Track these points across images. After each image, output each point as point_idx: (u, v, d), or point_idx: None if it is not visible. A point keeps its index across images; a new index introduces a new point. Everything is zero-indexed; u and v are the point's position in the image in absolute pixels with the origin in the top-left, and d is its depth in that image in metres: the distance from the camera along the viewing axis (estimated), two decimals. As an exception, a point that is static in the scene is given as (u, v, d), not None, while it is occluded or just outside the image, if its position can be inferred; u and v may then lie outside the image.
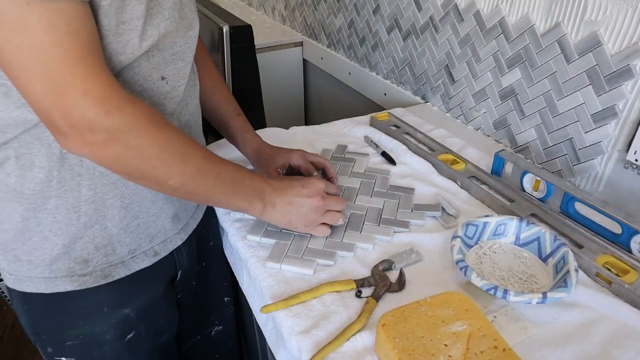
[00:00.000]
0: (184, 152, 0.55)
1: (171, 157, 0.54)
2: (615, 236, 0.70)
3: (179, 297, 0.78)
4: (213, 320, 0.90)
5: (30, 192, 0.57)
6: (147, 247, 0.66)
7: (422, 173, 0.89)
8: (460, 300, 0.56)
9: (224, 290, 0.90)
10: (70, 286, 0.62)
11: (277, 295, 0.63)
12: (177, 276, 0.74)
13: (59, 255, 0.60)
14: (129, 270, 0.65)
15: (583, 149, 0.83)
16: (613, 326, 0.58)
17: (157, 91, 0.60)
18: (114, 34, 0.52)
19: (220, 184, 0.59)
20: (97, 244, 0.62)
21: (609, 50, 0.75)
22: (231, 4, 2.18)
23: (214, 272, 0.86)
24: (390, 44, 1.27)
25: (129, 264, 0.65)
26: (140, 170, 0.53)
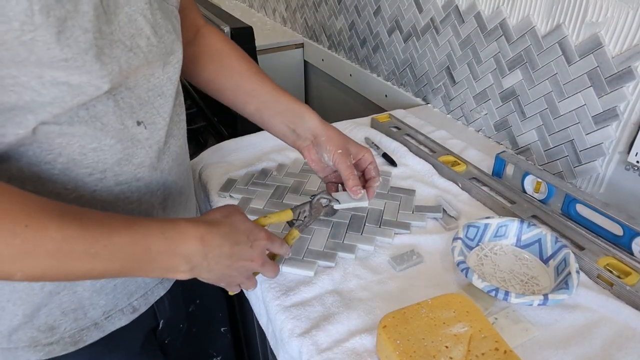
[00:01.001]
0: (23, 242, 0.39)
1: (3, 255, 0.39)
2: (616, 238, 0.70)
3: (166, 343, 0.71)
4: (211, 353, 0.85)
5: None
6: (124, 305, 0.58)
7: (423, 174, 0.89)
8: (461, 302, 0.55)
9: (220, 321, 0.85)
10: (33, 357, 0.54)
11: (277, 297, 0.63)
12: (158, 326, 0.67)
13: (20, 325, 0.51)
14: (103, 333, 0.57)
15: (584, 151, 0.83)
16: (614, 328, 0.58)
17: (132, 140, 0.50)
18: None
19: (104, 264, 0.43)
20: (65, 309, 0.53)
21: (610, 52, 0.75)
22: (232, 6, 2.18)
23: (207, 307, 0.80)
24: (391, 45, 1.27)
25: (102, 326, 0.57)
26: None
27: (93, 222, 0.43)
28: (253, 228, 0.55)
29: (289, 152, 0.94)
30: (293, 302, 0.62)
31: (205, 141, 1.27)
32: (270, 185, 0.84)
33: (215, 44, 0.70)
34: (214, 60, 0.70)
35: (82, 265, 0.42)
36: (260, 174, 0.87)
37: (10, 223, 0.38)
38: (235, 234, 0.53)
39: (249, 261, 0.54)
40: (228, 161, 0.93)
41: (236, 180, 0.85)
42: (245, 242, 0.53)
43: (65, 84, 0.42)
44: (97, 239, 0.42)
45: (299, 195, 0.82)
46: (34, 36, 0.38)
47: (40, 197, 0.42)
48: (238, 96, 0.69)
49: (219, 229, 0.51)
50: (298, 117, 0.67)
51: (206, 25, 0.72)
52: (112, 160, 0.50)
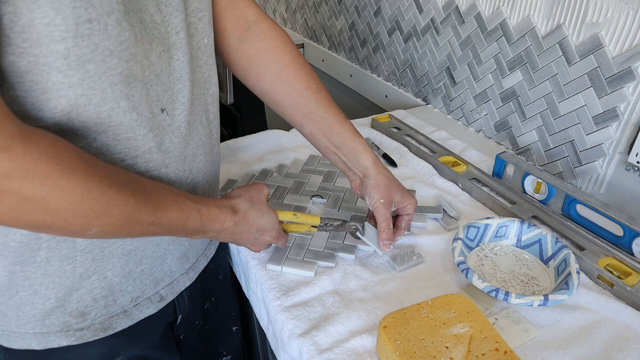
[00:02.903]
0: (106, 202, 0.43)
1: (89, 210, 0.43)
2: (617, 238, 0.70)
3: (181, 338, 0.72)
4: (221, 352, 0.85)
5: (16, 245, 0.49)
6: (151, 293, 0.60)
7: (423, 175, 0.89)
8: (461, 303, 0.55)
9: (232, 320, 0.84)
10: (65, 341, 0.55)
11: (277, 298, 0.63)
12: (177, 320, 0.68)
13: (52, 309, 0.54)
14: (132, 320, 0.59)
15: (584, 151, 0.83)
16: (615, 329, 0.58)
17: (159, 128, 0.52)
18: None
19: (152, 230, 0.50)
20: (96, 295, 0.55)
21: (610, 52, 0.75)
22: (232, 6, 2.18)
23: (222, 305, 0.80)
24: (392, 46, 1.27)
25: (132, 313, 0.59)
26: (46, 224, 0.42)
27: (153, 194, 0.49)
28: (266, 226, 0.62)
29: (289, 153, 0.94)
30: (293, 302, 0.62)
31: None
32: (270, 185, 0.84)
33: (273, 49, 0.67)
34: (270, 70, 0.67)
35: (142, 228, 0.48)
36: (261, 174, 0.87)
37: (98, 182, 0.43)
38: (250, 227, 0.60)
39: (251, 245, 0.63)
40: (228, 162, 0.93)
41: (236, 180, 0.85)
42: (252, 232, 0.61)
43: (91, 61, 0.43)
44: (157, 209, 0.48)
45: (299, 195, 0.82)
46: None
47: (113, 165, 0.47)
48: (294, 115, 0.68)
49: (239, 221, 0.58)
50: (352, 154, 0.67)
51: (261, 19, 0.67)
52: (144, 148, 0.51)
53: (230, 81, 1.16)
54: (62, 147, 0.41)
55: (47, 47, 0.40)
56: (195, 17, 0.55)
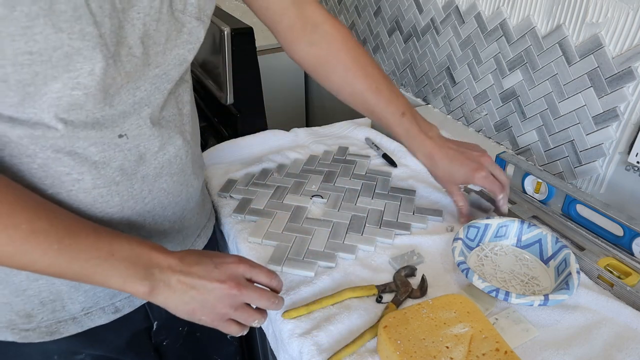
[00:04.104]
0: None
1: None
2: (617, 238, 0.70)
3: (164, 344, 0.71)
4: (216, 359, 0.85)
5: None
6: (106, 304, 0.58)
7: (423, 175, 0.89)
8: (462, 303, 0.55)
9: None
10: (10, 337, 0.55)
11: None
12: (152, 327, 0.67)
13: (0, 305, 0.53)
14: (81, 328, 0.57)
15: (584, 151, 0.83)
16: (615, 329, 0.58)
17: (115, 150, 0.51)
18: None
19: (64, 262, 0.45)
20: (43, 299, 0.54)
21: (610, 52, 0.75)
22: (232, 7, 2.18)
23: None
24: (392, 46, 1.27)
25: (81, 321, 0.57)
26: None
27: (63, 221, 0.45)
28: (221, 254, 0.53)
29: (289, 153, 0.94)
30: (293, 302, 0.62)
31: (205, 141, 1.27)
32: (270, 185, 0.84)
33: (337, 51, 0.71)
34: (336, 72, 0.71)
35: (45, 259, 0.44)
36: (261, 174, 0.87)
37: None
38: (199, 256, 0.52)
39: (218, 282, 0.50)
40: (228, 162, 0.93)
41: (236, 180, 0.85)
42: (207, 263, 0.51)
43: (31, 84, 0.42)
44: (63, 237, 0.44)
45: (299, 195, 0.82)
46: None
47: (21, 188, 0.44)
48: (362, 112, 0.74)
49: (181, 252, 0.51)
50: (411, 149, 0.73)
51: (325, 20, 0.71)
52: (89, 162, 0.50)
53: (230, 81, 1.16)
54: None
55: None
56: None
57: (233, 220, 0.77)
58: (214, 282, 0.49)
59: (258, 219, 0.76)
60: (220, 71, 1.17)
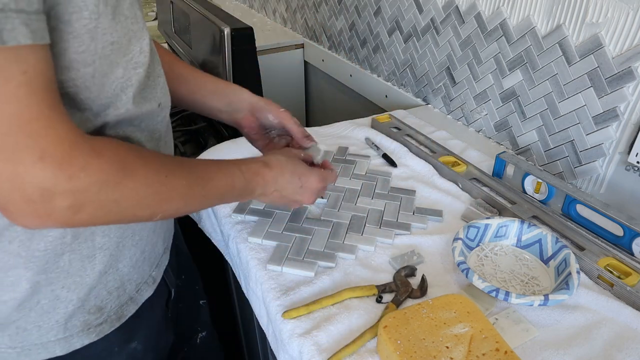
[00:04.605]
0: (166, 191, 0.48)
1: (152, 201, 0.48)
2: (617, 238, 0.70)
3: (170, 316, 0.75)
4: (197, 328, 0.88)
5: (41, 254, 0.50)
6: (147, 277, 0.64)
7: (423, 175, 0.89)
8: (462, 303, 0.55)
9: (199, 294, 0.88)
10: (87, 340, 0.57)
11: (277, 298, 0.63)
12: (170, 295, 0.72)
13: (74, 311, 0.55)
14: (137, 305, 0.62)
15: (584, 151, 0.83)
16: (615, 329, 0.58)
17: (154, 120, 0.56)
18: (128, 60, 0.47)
19: (207, 202, 0.56)
20: (110, 288, 0.58)
21: (610, 52, 0.75)
22: (232, 7, 2.19)
23: (190, 280, 0.84)
24: (392, 46, 1.27)
25: (136, 299, 0.62)
26: (119, 219, 0.48)
27: (200, 169, 0.54)
28: (305, 171, 0.65)
29: (289, 153, 0.94)
30: (293, 302, 0.62)
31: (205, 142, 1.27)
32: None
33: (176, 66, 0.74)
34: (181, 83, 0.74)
35: (198, 202, 0.54)
36: (261, 174, 0.87)
37: (156, 174, 0.47)
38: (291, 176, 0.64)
39: (300, 197, 0.65)
40: (228, 161, 0.92)
41: (236, 180, 0.85)
42: (295, 183, 0.64)
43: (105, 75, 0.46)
44: (206, 183, 0.53)
45: (299, 195, 0.82)
46: (97, 24, 0.43)
47: (161, 154, 0.52)
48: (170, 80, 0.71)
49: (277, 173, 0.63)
50: (231, 92, 0.75)
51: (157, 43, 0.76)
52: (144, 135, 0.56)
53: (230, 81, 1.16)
54: (123, 152, 0.46)
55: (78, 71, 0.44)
56: None
57: (233, 220, 0.77)
58: (297, 197, 0.65)
59: (258, 219, 0.76)
60: (220, 71, 1.17)
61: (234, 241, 0.74)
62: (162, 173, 0.48)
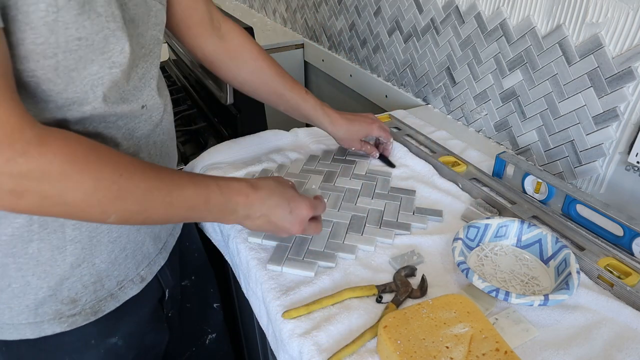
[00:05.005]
0: (118, 190, 0.47)
1: (102, 199, 0.46)
2: (617, 238, 0.70)
3: (169, 316, 0.76)
4: (206, 329, 0.88)
5: (8, 238, 0.52)
6: (133, 275, 0.64)
7: (423, 175, 0.89)
8: (462, 303, 0.55)
9: (212, 297, 0.88)
10: (59, 328, 0.58)
11: (277, 298, 0.63)
12: (164, 296, 0.72)
13: (45, 298, 0.56)
14: (118, 302, 0.62)
15: (584, 151, 0.83)
16: (615, 329, 0.58)
17: (135, 120, 0.57)
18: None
19: (172, 212, 0.52)
20: (85, 282, 0.58)
21: (610, 52, 0.75)
22: (232, 7, 2.19)
23: (201, 282, 0.84)
24: (392, 46, 1.27)
25: (117, 296, 0.62)
26: (68, 214, 0.46)
27: (166, 176, 0.51)
28: (295, 196, 0.63)
29: (289, 153, 0.94)
30: (293, 302, 0.62)
31: (205, 142, 1.27)
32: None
33: (244, 44, 0.78)
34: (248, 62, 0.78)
35: (160, 211, 0.51)
36: (261, 174, 0.87)
37: (110, 172, 0.46)
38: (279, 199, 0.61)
39: (289, 224, 0.61)
40: (228, 162, 0.92)
41: (236, 180, 0.85)
42: (284, 207, 0.61)
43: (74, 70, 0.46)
44: (172, 190, 0.51)
45: (299, 195, 0.82)
46: (57, 17, 0.42)
47: (125, 154, 0.50)
48: (270, 99, 0.82)
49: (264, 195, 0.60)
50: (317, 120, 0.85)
51: (225, 18, 0.78)
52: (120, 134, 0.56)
53: (230, 81, 1.16)
54: (74, 145, 0.45)
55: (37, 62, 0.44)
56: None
57: (233, 220, 0.77)
58: (286, 224, 0.61)
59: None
60: (220, 71, 1.16)
61: (234, 241, 0.74)
62: (116, 172, 0.47)
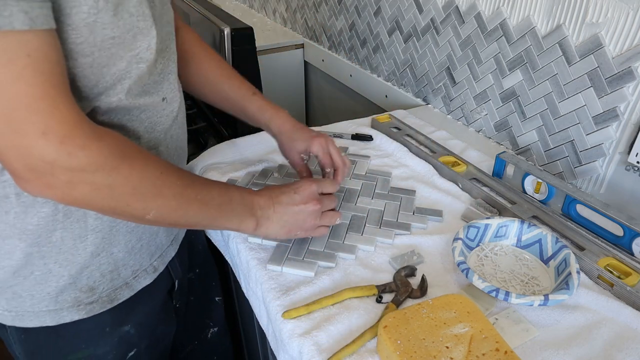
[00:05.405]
0: (160, 185, 0.51)
1: (146, 193, 0.50)
2: (617, 238, 0.70)
3: (177, 307, 0.77)
4: (208, 323, 0.90)
5: (34, 227, 0.54)
6: (147, 265, 0.66)
7: (423, 175, 0.89)
8: (462, 303, 0.55)
9: (214, 290, 0.90)
10: (77, 315, 0.61)
11: (277, 298, 0.63)
12: (174, 287, 0.74)
13: (65, 286, 0.59)
14: (133, 291, 0.65)
15: (584, 151, 0.83)
16: (615, 329, 0.58)
17: (157, 113, 0.59)
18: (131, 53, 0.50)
19: (205, 210, 0.55)
20: (103, 271, 0.61)
21: (610, 52, 0.75)
22: (232, 7, 2.19)
23: (204, 275, 0.86)
24: (392, 46, 1.27)
25: (132, 285, 0.65)
26: (112, 208, 0.49)
27: (195, 177, 0.56)
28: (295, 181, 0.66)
29: (289, 153, 0.94)
30: (293, 302, 0.62)
31: (205, 142, 1.27)
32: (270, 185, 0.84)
33: (191, 46, 0.77)
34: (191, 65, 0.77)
35: (192, 209, 0.54)
36: (261, 174, 0.87)
37: (153, 169, 0.50)
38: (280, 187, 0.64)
39: (302, 204, 0.63)
40: (228, 162, 0.92)
41: (236, 180, 0.85)
42: (288, 191, 0.63)
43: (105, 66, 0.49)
44: (201, 188, 0.55)
45: (299, 195, 0.82)
46: (96, 19, 0.45)
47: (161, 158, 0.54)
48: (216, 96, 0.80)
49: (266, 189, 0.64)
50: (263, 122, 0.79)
51: (183, 25, 0.78)
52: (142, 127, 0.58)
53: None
54: (123, 141, 0.49)
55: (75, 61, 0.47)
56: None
57: (233, 220, 0.77)
58: (299, 205, 0.63)
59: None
60: (220, 71, 1.16)
61: (234, 241, 0.74)
62: (158, 168, 0.51)
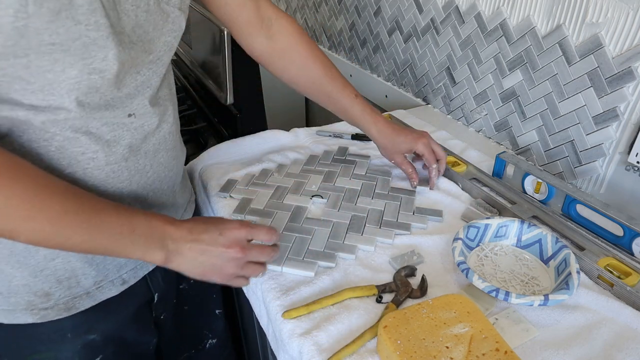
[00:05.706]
0: (29, 208, 0.46)
1: (12, 214, 0.45)
2: (617, 238, 0.70)
3: (161, 318, 0.76)
4: (206, 334, 0.88)
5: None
6: (114, 277, 0.63)
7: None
8: (462, 303, 0.55)
9: (214, 302, 0.88)
10: (30, 319, 0.59)
11: (277, 298, 0.63)
12: (153, 299, 0.72)
13: (18, 287, 0.57)
14: (94, 301, 0.62)
15: (584, 151, 0.83)
16: (615, 329, 0.58)
17: (124, 130, 0.56)
18: None
19: (94, 238, 0.50)
20: (60, 277, 0.58)
21: (610, 52, 0.75)
22: (232, 6, 2.18)
23: (200, 287, 0.83)
24: (392, 46, 1.27)
25: (94, 295, 0.62)
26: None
27: (88, 201, 0.50)
28: (225, 220, 0.58)
29: (289, 153, 0.94)
30: (293, 302, 0.62)
31: (205, 142, 1.27)
32: (270, 185, 0.84)
33: (295, 44, 0.78)
34: (295, 62, 0.79)
35: (76, 236, 0.49)
36: (261, 174, 0.87)
37: (22, 189, 0.46)
38: (205, 224, 0.56)
39: (224, 247, 0.55)
40: (228, 162, 0.93)
41: (236, 180, 0.85)
42: (213, 230, 0.56)
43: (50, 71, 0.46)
44: (90, 216, 0.49)
45: (299, 195, 0.82)
46: (27, 23, 0.43)
47: (49, 174, 0.49)
48: (319, 99, 0.83)
49: (190, 221, 0.57)
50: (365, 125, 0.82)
51: (279, 16, 0.77)
52: (102, 141, 0.55)
53: (230, 81, 1.16)
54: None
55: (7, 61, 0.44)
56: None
57: (233, 220, 0.77)
58: (220, 248, 0.55)
59: (258, 219, 0.76)
60: (220, 71, 1.17)
61: (234, 241, 0.74)
62: (31, 190, 0.46)
